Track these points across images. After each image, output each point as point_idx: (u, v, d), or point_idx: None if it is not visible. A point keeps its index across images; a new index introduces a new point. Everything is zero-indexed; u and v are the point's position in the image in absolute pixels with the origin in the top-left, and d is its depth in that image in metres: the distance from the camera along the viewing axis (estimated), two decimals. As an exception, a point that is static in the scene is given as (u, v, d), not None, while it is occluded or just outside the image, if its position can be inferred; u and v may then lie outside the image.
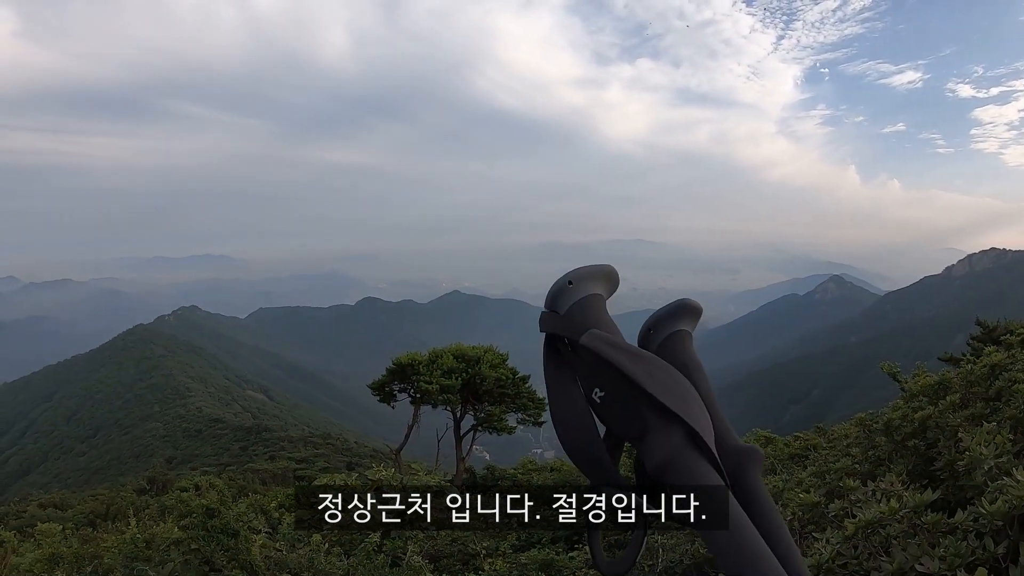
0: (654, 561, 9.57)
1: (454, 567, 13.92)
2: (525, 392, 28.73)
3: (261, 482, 58.59)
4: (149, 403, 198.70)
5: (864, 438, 9.79)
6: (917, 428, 7.83)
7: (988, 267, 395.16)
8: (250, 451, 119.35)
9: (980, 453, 4.80)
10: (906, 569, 4.08)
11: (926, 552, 4.07)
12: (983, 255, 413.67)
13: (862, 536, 4.68)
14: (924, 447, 7.66)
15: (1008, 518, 3.99)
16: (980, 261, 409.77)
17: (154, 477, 72.00)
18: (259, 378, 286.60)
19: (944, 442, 6.93)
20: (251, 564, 11.82)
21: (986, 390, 7.88)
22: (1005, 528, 4.03)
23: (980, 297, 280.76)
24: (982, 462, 4.76)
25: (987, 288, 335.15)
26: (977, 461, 4.79)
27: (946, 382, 8.79)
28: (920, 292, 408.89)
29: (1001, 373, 7.82)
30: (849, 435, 12.53)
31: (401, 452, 27.16)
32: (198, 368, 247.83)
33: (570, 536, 15.70)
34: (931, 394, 8.66)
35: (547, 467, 28.70)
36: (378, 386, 28.70)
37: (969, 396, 8.00)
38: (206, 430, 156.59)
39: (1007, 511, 3.96)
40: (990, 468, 4.70)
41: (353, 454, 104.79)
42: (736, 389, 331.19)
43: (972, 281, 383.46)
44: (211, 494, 13.30)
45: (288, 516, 21.43)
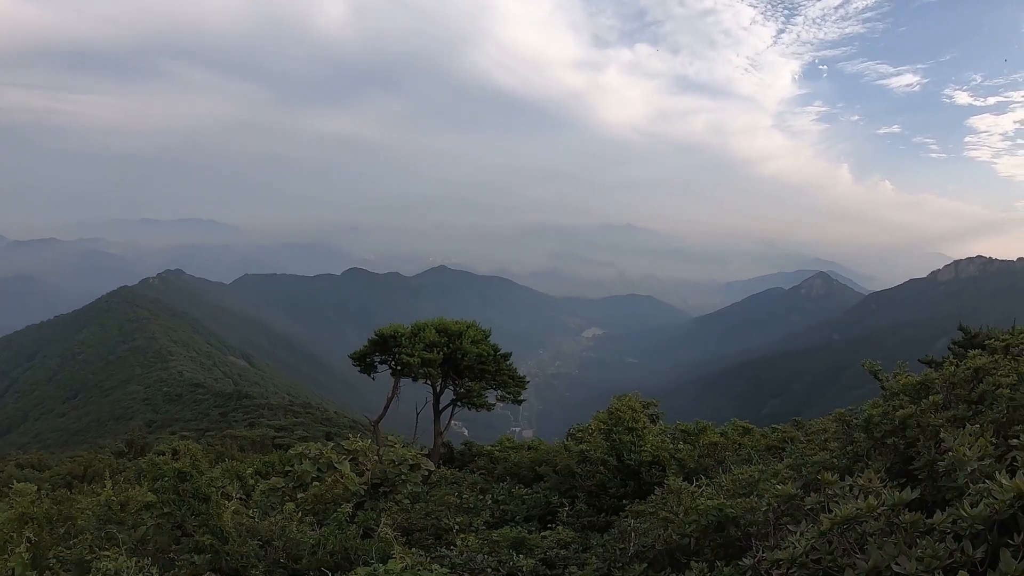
0: (626, 545, 9.52)
1: (426, 541, 13.86)
2: (506, 369, 28.68)
3: (239, 449, 58.64)
4: (131, 366, 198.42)
5: (843, 433, 9.75)
6: (897, 426, 7.77)
7: (974, 274, 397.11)
8: (230, 417, 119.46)
9: (964, 454, 4.73)
10: (881, 568, 4.01)
11: (903, 552, 4.00)
12: (969, 262, 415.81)
13: (838, 532, 4.61)
14: (903, 446, 7.61)
15: (988, 522, 3.93)
16: (966, 268, 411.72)
17: (133, 440, 72.02)
18: (242, 345, 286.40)
19: (924, 442, 6.87)
20: (221, 530, 11.75)
21: (969, 393, 7.84)
22: (985, 532, 3.96)
23: (964, 303, 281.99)
24: (965, 464, 4.68)
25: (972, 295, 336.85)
26: (960, 462, 4.72)
27: (928, 382, 8.75)
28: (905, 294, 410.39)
29: (984, 377, 7.77)
30: (827, 429, 12.50)
31: (379, 424, 27.06)
32: (181, 332, 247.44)
33: (543, 515, 15.69)
34: (912, 393, 8.61)
35: (524, 445, 28.67)
36: (359, 357, 28.58)
37: (951, 398, 7.95)
38: (187, 395, 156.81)
39: (988, 515, 3.89)
40: (973, 470, 4.63)
41: (332, 424, 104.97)
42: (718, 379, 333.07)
43: (957, 287, 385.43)
44: (185, 459, 13.23)
45: (263, 483, 21.43)
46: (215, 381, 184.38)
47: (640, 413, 17.91)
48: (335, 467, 22.18)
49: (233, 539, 11.68)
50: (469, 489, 19.52)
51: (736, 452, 16.31)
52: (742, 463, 13.51)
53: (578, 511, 14.89)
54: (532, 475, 21.45)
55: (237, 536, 11.89)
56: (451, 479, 22.22)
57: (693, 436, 18.28)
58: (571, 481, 17.73)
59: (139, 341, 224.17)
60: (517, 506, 16.76)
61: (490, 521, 15.25)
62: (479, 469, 24.92)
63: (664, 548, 8.77)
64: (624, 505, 13.04)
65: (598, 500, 15.92)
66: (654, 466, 16.20)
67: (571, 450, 19.84)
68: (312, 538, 12.54)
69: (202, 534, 11.63)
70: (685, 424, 20.12)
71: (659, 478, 13.79)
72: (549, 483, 18.78)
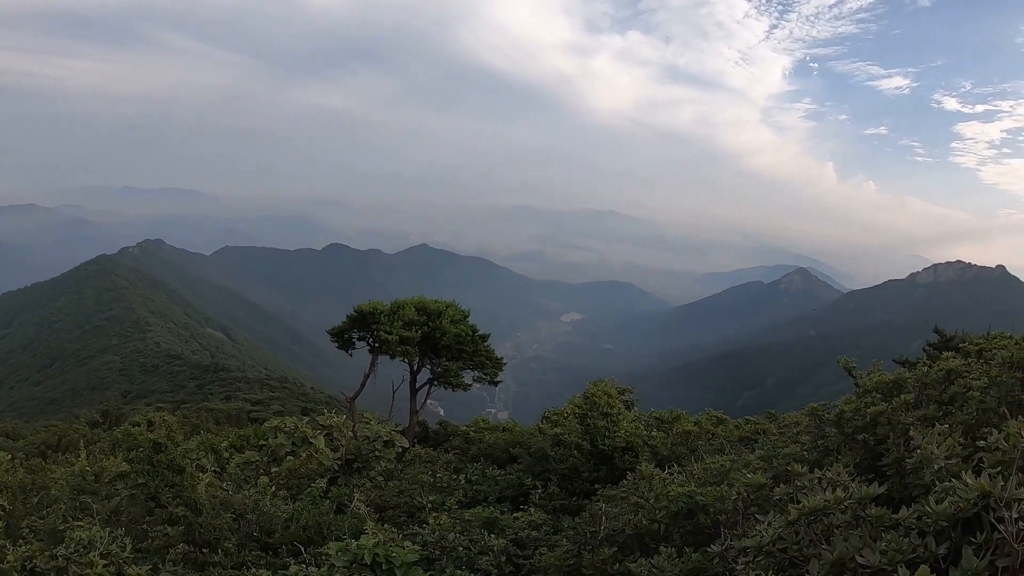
0: (597, 528, 9.61)
1: (399, 518, 13.94)
2: (483, 350, 28.71)
3: (215, 422, 58.48)
4: (108, 335, 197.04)
5: (815, 427, 9.88)
6: (868, 423, 7.89)
7: (952, 279, 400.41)
8: (206, 390, 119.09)
9: (932, 452, 4.83)
10: (846, 559, 4.09)
11: (867, 544, 4.09)
12: (948, 266, 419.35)
13: (805, 523, 4.70)
14: (873, 442, 7.73)
15: (953, 520, 4.01)
16: (945, 272, 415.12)
17: (108, 411, 71.72)
18: (220, 317, 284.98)
19: (894, 439, 6.98)
20: (195, 502, 11.76)
21: (940, 394, 7.96)
22: (949, 529, 4.05)
23: (941, 307, 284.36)
24: (933, 461, 4.78)
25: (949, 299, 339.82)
26: (928, 460, 4.82)
27: (901, 381, 8.87)
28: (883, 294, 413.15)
29: (956, 379, 7.89)
30: (800, 423, 12.64)
31: (356, 400, 27.07)
32: (159, 303, 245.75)
33: (516, 497, 15.79)
34: (885, 391, 8.74)
35: (499, 427, 28.75)
36: (337, 332, 28.53)
37: (923, 398, 8.07)
38: (163, 366, 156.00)
39: (952, 513, 3.97)
40: (940, 468, 4.72)
41: (309, 400, 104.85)
42: (694, 369, 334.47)
43: (935, 290, 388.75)
44: (160, 430, 13.22)
45: (237, 456, 21.44)
46: (192, 353, 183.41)
47: (615, 399, 18.01)
48: (310, 442, 22.22)
49: (207, 511, 11.70)
50: (443, 468, 19.62)
51: (709, 442, 16.45)
52: (714, 453, 13.65)
53: (550, 494, 15.00)
54: (506, 457, 21.55)
55: (211, 508, 11.91)
56: (425, 458, 22.31)
57: (667, 424, 18.41)
58: (544, 464, 17.84)
59: (116, 311, 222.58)
60: (490, 487, 16.87)
61: (463, 501, 15.34)
62: (453, 449, 25.00)
63: (634, 533, 8.87)
64: (596, 489, 13.14)
65: (571, 483, 16.03)
66: (627, 452, 16.32)
67: (545, 433, 19.94)
68: (285, 512, 12.59)
69: (176, 506, 11.65)
70: (659, 412, 20.25)
71: (632, 464, 13.90)
72: (522, 465, 18.89)
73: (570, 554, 9.05)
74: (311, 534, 11.83)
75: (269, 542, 11.67)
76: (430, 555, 9.67)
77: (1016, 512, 3.71)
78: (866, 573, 3.98)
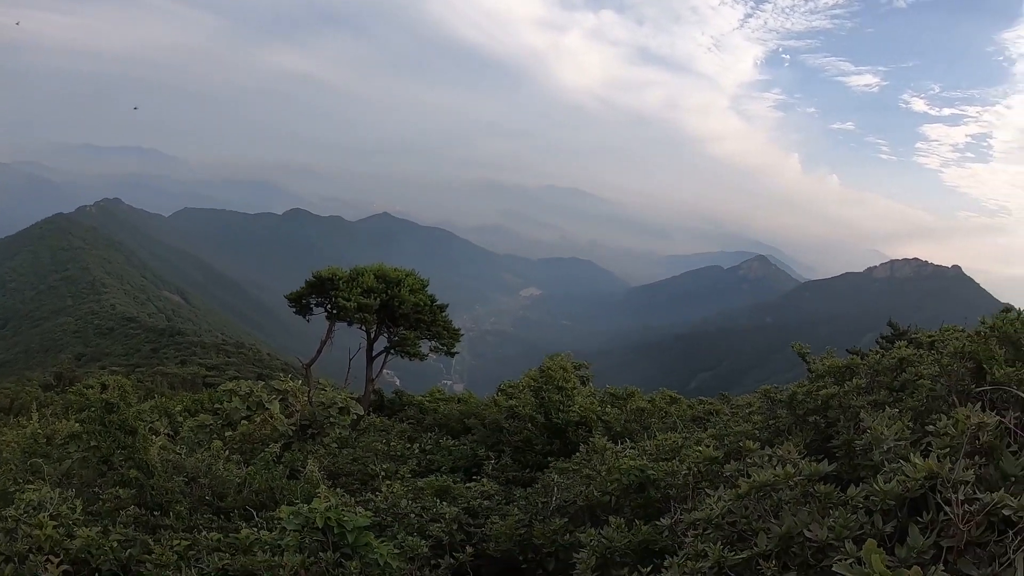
0: (548, 499, 9.69)
1: (352, 485, 13.93)
2: (441, 321, 28.72)
3: (169, 386, 58.06)
4: (62, 296, 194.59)
5: (767, 408, 10.03)
6: (820, 405, 8.02)
7: (908, 275, 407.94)
8: (161, 354, 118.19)
9: (881, 433, 4.92)
10: (794, 534, 4.17)
11: (816, 520, 4.16)
12: (905, 263, 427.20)
13: (754, 497, 4.77)
14: (824, 424, 7.86)
15: (900, 499, 4.09)
16: (901, 268, 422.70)
17: (61, 373, 70.96)
18: (177, 280, 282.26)
19: (844, 422, 7.10)
20: (147, 464, 11.67)
21: (891, 381, 8.10)
22: (896, 509, 4.13)
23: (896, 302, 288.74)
24: (882, 442, 4.87)
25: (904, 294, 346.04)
26: (877, 440, 4.91)
27: (853, 367, 9.02)
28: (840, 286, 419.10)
29: (908, 367, 8.03)
30: (752, 404, 12.81)
31: (312, 367, 26.99)
32: (115, 264, 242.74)
33: (469, 467, 15.86)
34: (837, 376, 8.88)
35: (455, 398, 28.83)
36: (295, 298, 28.38)
37: (874, 383, 8.21)
38: (118, 328, 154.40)
39: (900, 492, 4.05)
40: (888, 449, 4.82)
41: (265, 366, 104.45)
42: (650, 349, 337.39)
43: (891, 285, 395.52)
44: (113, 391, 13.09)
45: (191, 420, 21.30)
46: (148, 316, 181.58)
47: (571, 373, 18.12)
48: (265, 406, 22.14)
49: (159, 474, 11.61)
50: (397, 437, 19.63)
51: (662, 420, 16.58)
52: (667, 430, 13.78)
53: (504, 465, 15.09)
54: (460, 427, 21.62)
55: (163, 471, 11.82)
56: (380, 427, 22.29)
57: (621, 400, 18.53)
58: (498, 435, 17.92)
59: (72, 271, 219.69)
60: (444, 457, 16.92)
61: (416, 470, 15.38)
62: (408, 418, 25.00)
63: (585, 504, 8.95)
64: (549, 462, 13.23)
65: (524, 456, 16.12)
66: (581, 426, 16.43)
67: (500, 405, 20.03)
68: (238, 476, 12.54)
69: (127, 468, 11.54)
70: (614, 388, 20.39)
71: (585, 438, 13.99)
72: (477, 436, 18.97)
73: (521, 523, 9.12)
74: (264, 499, 11.79)
75: (221, 506, 11.61)
76: (382, 521, 9.69)
77: (962, 494, 3.80)
78: (813, 548, 4.06)
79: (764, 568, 4.15)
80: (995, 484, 3.93)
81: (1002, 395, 5.50)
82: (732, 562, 4.39)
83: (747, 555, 4.33)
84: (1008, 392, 5.43)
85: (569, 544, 8.15)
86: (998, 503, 3.66)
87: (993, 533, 3.71)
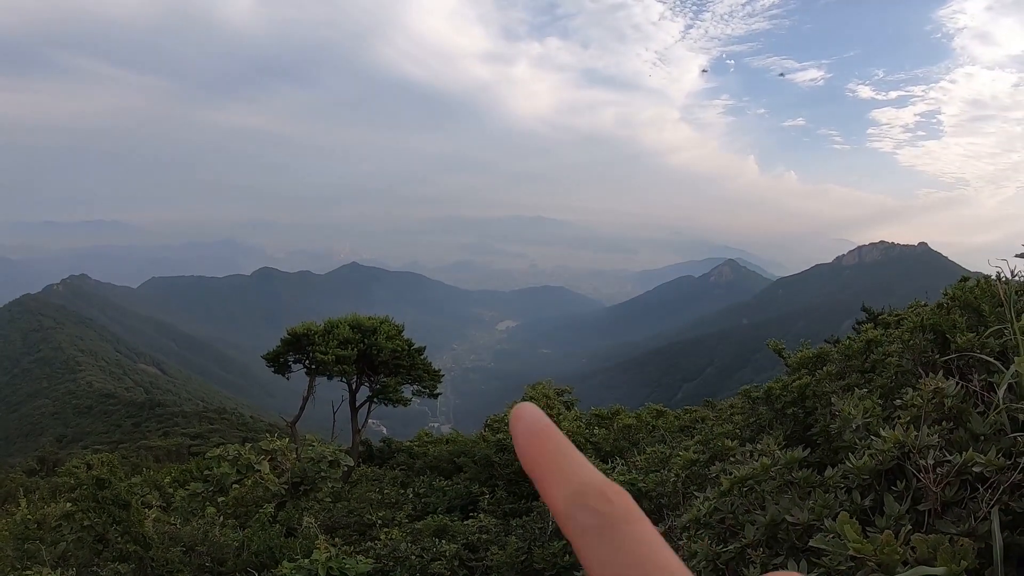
0: (545, 524, 9.78)
1: (351, 537, 13.94)
2: (420, 364, 28.78)
3: (155, 459, 57.30)
4: (37, 378, 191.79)
5: (747, 407, 10.20)
6: (796, 396, 8.21)
7: (876, 259, 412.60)
8: (143, 428, 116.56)
9: (850, 413, 5.09)
10: (778, 520, 4.30)
11: (797, 504, 4.30)
12: (872, 247, 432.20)
13: (738, 492, 4.92)
14: (803, 414, 8.05)
15: (874, 473, 4.24)
16: (869, 253, 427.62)
17: (44, 457, 69.89)
18: (152, 351, 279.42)
19: (821, 409, 7.28)
20: (144, 537, 11.65)
21: (862, 363, 8.27)
22: (872, 482, 4.28)
23: (868, 286, 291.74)
24: (851, 421, 5.04)
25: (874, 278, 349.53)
26: (847, 420, 5.08)
27: (824, 355, 9.23)
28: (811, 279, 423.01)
29: (876, 348, 8.22)
30: (735, 406, 12.98)
31: (297, 424, 26.90)
32: (88, 340, 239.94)
33: (465, 505, 15.88)
34: (810, 365, 9.08)
35: (443, 439, 28.83)
36: (273, 357, 28.36)
37: (846, 368, 8.38)
38: (97, 406, 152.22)
39: (874, 466, 4.20)
40: (858, 427, 4.98)
41: (249, 429, 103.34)
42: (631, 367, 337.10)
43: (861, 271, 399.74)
44: (101, 467, 13.05)
45: (181, 491, 21.15)
46: (126, 390, 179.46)
47: (554, 400, 18.24)
48: (255, 468, 22.02)
49: (156, 546, 11.60)
50: (390, 485, 19.64)
51: (650, 434, 16.71)
52: (656, 443, 13.90)
53: (499, 499, 15.13)
54: (452, 467, 21.63)
55: (160, 543, 11.81)
56: (371, 476, 22.28)
57: (607, 420, 18.66)
58: (490, 471, 17.97)
59: (45, 352, 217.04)
60: (438, 498, 16.94)
61: (412, 514, 15.40)
62: (399, 465, 24.99)
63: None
64: (543, 490, 13.28)
65: (518, 487, 16.17)
66: (571, 451, 16.49)
67: (489, 440, 20.08)
68: (236, 540, 12.53)
69: (124, 542, 11.52)
70: (599, 409, 20.51)
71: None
72: (469, 474, 19.00)
73: (520, 551, 9.20)
74: (263, 559, 11.80)
75: (222, 571, 11.61)
76: (384, 567, 9.74)
77: (931, 458, 3.95)
78: (798, 531, 4.19)
79: (754, 557, 4.28)
80: (965, 445, 4.08)
81: (968, 361, 5.68)
82: (724, 557, 4.51)
83: (737, 547, 4.45)
84: (973, 357, 5.61)
85: (569, 564, 8.25)
86: (967, 462, 3.80)
87: (967, 492, 3.85)
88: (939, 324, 6.42)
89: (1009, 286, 5.80)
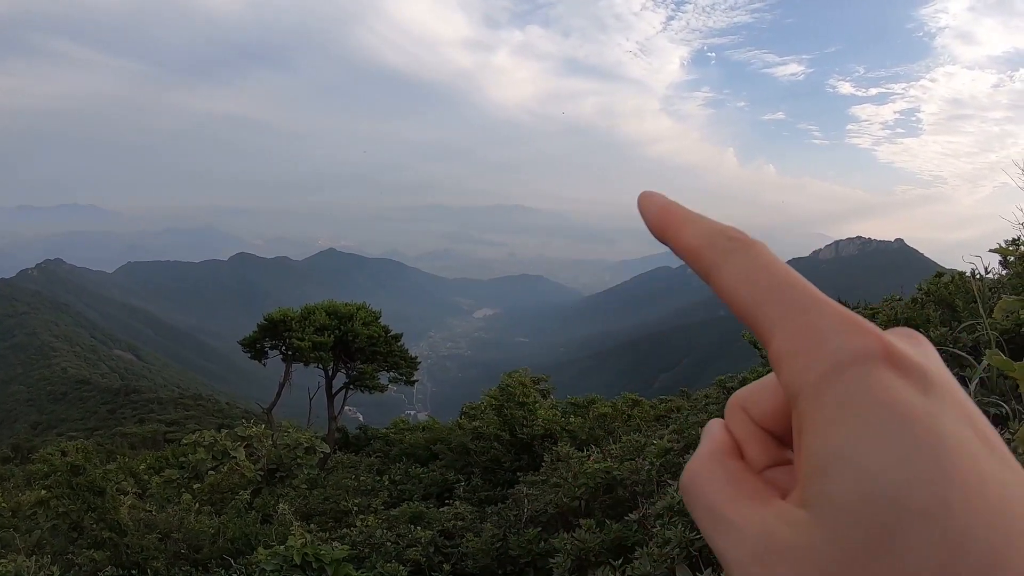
0: (520, 511, 9.85)
1: (327, 523, 13.96)
2: (397, 351, 28.78)
3: (130, 446, 56.95)
4: (11, 364, 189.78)
5: (723, 398, 10.28)
6: (771, 387, 8.31)
7: (853, 253, 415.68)
8: (118, 414, 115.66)
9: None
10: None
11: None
12: (849, 242, 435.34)
13: (710, 480, 5.00)
14: (777, 404, 8.15)
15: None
16: (846, 247, 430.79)
17: (19, 444, 69.32)
18: (127, 336, 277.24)
19: (794, 400, 7.37)
20: (119, 524, 11.63)
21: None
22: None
23: (844, 281, 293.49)
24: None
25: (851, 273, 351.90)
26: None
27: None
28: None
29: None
30: (710, 396, 13.08)
31: (273, 411, 26.88)
32: (63, 326, 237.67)
33: (441, 493, 15.94)
34: (786, 357, 9.19)
35: (419, 427, 28.86)
36: (249, 343, 28.28)
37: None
38: (72, 392, 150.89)
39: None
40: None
41: (225, 415, 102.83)
42: (608, 356, 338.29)
43: (837, 265, 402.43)
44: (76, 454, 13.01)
45: (157, 477, 21.10)
46: (101, 377, 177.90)
47: (530, 388, 18.27)
48: (230, 455, 21.99)
49: (132, 532, 11.58)
50: (366, 472, 19.65)
51: (626, 423, 16.79)
52: (631, 433, 13.99)
53: (474, 486, 15.20)
54: (428, 455, 21.67)
55: (135, 529, 11.78)
56: (347, 463, 22.26)
57: (583, 409, 18.75)
58: (466, 458, 18.03)
59: (19, 338, 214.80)
60: (414, 485, 16.99)
61: (388, 501, 15.43)
62: (375, 452, 24.97)
63: (556, 511, 9.13)
64: (519, 478, 13.38)
65: (493, 474, 16.24)
66: (546, 439, 16.58)
67: (465, 428, 20.15)
68: (211, 527, 12.52)
69: (100, 529, 11.49)
70: (575, 398, 20.60)
71: (551, 449, 14.17)
72: (445, 461, 19.06)
73: (496, 538, 9.27)
74: (239, 546, 11.80)
75: (198, 558, 11.60)
76: (359, 553, 9.77)
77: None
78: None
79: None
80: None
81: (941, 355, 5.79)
82: (698, 544, 4.59)
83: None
84: (946, 351, 5.70)
85: (545, 551, 8.32)
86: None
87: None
88: (913, 318, 6.52)
89: (983, 282, 5.90)
